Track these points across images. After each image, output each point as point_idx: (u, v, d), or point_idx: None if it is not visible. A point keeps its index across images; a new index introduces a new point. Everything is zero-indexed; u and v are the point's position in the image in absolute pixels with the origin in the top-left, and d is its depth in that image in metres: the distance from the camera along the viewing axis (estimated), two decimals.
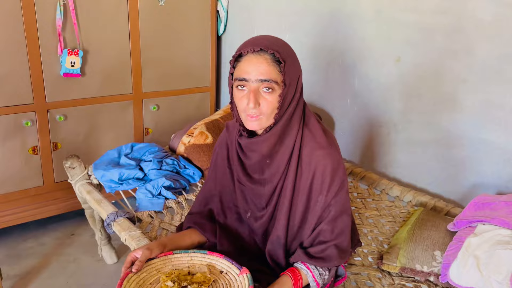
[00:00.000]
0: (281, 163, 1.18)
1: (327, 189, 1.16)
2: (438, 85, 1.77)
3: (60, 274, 2.05)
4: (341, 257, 1.19)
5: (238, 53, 1.10)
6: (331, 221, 1.18)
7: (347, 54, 2.07)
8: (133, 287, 1.10)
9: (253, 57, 1.07)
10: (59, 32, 2.07)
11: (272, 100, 1.09)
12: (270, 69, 1.06)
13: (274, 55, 1.06)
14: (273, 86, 1.07)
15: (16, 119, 2.08)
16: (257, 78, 1.07)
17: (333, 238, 1.18)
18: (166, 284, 1.10)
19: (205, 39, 2.60)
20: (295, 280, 1.15)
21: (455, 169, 1.78)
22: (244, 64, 1.08)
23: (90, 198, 1.76)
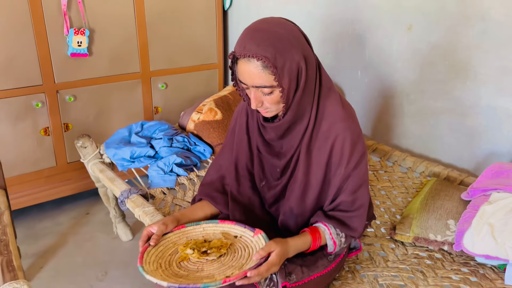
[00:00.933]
0: (296, 139, 1.18)
1: (346, 161, 1.15)
2: (451, 53, 1.72)
3: (77, 252, 2.09)
4: (358, 229, 1.19)
5: (233, 53, 1.07)
6: (352, 193, 1.17)
7: (357, 24, 2.02)
8: (153, 259, 1.12)
9: (244, 64, 1.05)
10: (65, 12, 2.06)
11: (274, 97, 1.08)
12: (262, 75, 1.04)
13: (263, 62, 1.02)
14: (270, 90, 1.06)
15: (26, 101, 2.10)
16: (252, 85, 1.06)
17: (353, 210, 1.18)
18: (186, 252, 1.11)
19: (211, 14, 2.56)
20: (313, 237, 1.16)
21: (469, 138, 1.76)
22: (239, 69, 1.07)
23: (103, 176, 1.77)
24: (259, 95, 1.08)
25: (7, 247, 1.32)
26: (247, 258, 1.12)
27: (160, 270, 1.09)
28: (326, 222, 1.18)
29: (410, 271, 1.32)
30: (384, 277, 1.30)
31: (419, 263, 1.35)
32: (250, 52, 1.02)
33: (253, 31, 1.05)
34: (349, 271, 1.34)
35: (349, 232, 1.18)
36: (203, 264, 1.11)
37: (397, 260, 1.38)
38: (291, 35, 1.06)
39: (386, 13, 1.90)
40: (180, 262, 1.12)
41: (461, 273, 1.29)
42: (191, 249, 1.12)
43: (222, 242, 1.15)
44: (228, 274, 1.05)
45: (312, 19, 2.20)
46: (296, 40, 1.07)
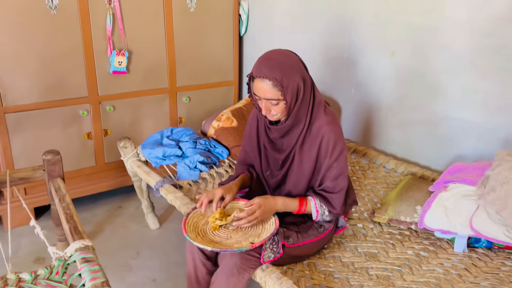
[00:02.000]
0: (293, 139, 1.59)
1: (330, 155, 1.55)
2: (425, 75, 2.12)
3: (113, 237, 2.48)
4: (337, 207, 1.58)
5: (251, 74, 1.50)
6: (333, 179, 1.57)
7: (351, 50, 2.43)
8: (191, 229, 1.50)
9: (259, 82, 1.46)
10: (109, 36, 2.50)
11: (279, 107, 1.49)
12: (272, 91, 1.45)
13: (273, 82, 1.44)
14: (277, 102, 1.48)
15: (74, 110, 2.52)
16: (264, 98, 1.48)
17: (335, 192, 1.57)
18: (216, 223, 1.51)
19: (229, 39, 3.00)
20: (300, 202, 1.58)
21: (441, 144, 2.13)
22: (255, 86, 1.49)
23: (141, 171, 2.18)
24: (269, 105, 1.50)
25: (72, 218, 1.71)
26: (261, 228, 1.52)
27: (199, 237, 1.47)
28: (313, 196, 1.57)
29: (383, 243, 1.69)
30: (363, 247, 1.67)
31: (391, 238, 1.73)
32: (264, 75, 1.44)
33: (266, 59, 1.48)
34: (336, 243, 1.72)
35: (330, 208, 1.57)
36: (230, 233, 1.50)
37: (374, 236, 1.75)
38: (293, 63, 1.49)
39: (374, 41, 2.31)
40: (213, 232, 1.51)
41: (422, 245, 1.67)
42: (219, 220, 1.51)
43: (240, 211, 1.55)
44: (250, 240, 1.45)
45: (314, 45, 2.62)
46: (298, 67, 1.50)
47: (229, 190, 1.61)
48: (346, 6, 2.40)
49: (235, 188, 1.64)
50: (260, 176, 1.73)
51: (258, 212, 1.48)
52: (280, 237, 1.50)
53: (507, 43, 1.79)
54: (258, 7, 2.99)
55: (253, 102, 1.60)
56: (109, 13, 2.46)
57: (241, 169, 1.77)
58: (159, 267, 2.22)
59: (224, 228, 1.52)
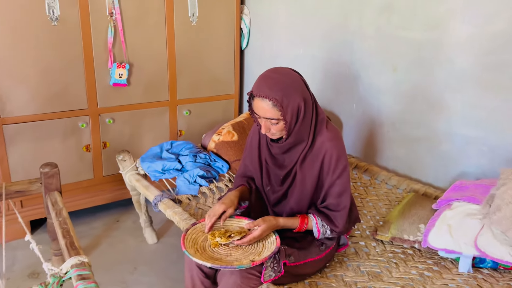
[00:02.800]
0: (295, 155, 1.56)
1: (332, 171, 1.52)
2: (428, 90, 2.10)
3: (110, 252, 2.44)
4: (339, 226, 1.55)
5: (251, 92, 1.48)
6: (336, 197, 1.54)
7: (352, 65, 2.42)
8: (190, 245, 1.47)
9: (259, 101, 1.44)
10: (110, 49, 2.49)
11: (279, 126, 1.48)
12: (272, 111, 1.44)
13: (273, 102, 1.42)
14: (277, 121, 1.46)
15: (73, 122, 2.50)
16: (264, 117, 1.46)
17: (338, 210, 1.54)
18: (216, 240, 1.47)
19: (230, 52, 2.99)
20: (301, 220, 1.55)
21: (443, 161, 2.11)
22: (255, 105, 1.48)
23: (139, 185, 2.15)
24: (268, 124, 1.48)
25: (68, 233, 1.68)
26: (262, 247, 1.49)
27: (198, 253, 1.44)
28: (316, 214, 1.54)
29: (386, 262, 1.66)
30: (365, 266, 1.64)
31: (394, 257, 1.69)
32: (264, 94, 1.42)
33: (267, 78, 1.46)
34: (338, 262, 1.68)
35: (333, 226, 1.54)
36: (230, 251, 1.46)
37: (377, 255, 1.72)
38: (294, 83, 1.47)
39: (376, 57, 2.30)
40: (213, 248, 1.47)
41: (426, 264, 1.63)
42: (219, 237, 1.47)
43: (242, 230, 1.51)
44: (251, 258, 1.41)
45: (316, 60, 2.61)
46: (299, 86, 1.48)
47: (230, 203, 1.58)
48: (348, 21, 2.40)
49: (236, 200, 1.61)
50: (261, 190, 1.70)
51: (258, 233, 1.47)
52: (281, 256, 1.46)
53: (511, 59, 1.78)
54: (260, 21, 2.99)
55: (254, 120, 1.58)
56: (110, 25, 2.46)
57: (240, 182, 1.75)
58: (156, 283, 2.17)
59: (224, 246, 1.49)
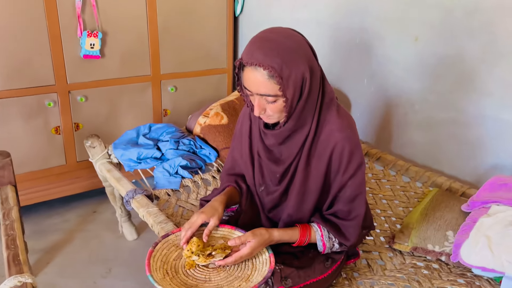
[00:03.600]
0: (295, 147, 1.21)
1: (344, 170, 1.17)
2: (457, 65, 1.74)
3: (82, 249, 2.13)
4: (351, 238, 1.22)
5: (240, 61, 1.10)
6: (348, 202, 1.20)
7: (365, 33, 2.04)
8: (159, 265, 1.14)
9: (251, 72, 1.07)
10: (79, 14, 2.11)
11: (278, 105, 1.10)
12: (267, 84, 1.06)
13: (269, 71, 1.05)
14: (274, 98, 1.09)
15: (39, 100, 2.15)
16: (257, 93, 1.09)
17: (349, 219, 1.21)
18: (192, 259, 1.13)
19: (222, 20, 2.60)
20: (302, 233, 1.21)
21: (472, 150, 1.77)
22: (245, 76, 1.09)
23: (110, 176, 1.81)
24: (263, 103, 1.11)
25: (14, 242, 1.36)
26: (252, 268, 1.15)
27: (168, 278, 1.10)
28: (321, 224, 1.20)
29: (406, 280, 1.33)
30: (381, 285, 1.31)
31: (416, 272, 1.37)
32: (257, 61, 1.04)
33: (261, 40, 1.08)
34: (347, 278, 1.36)
35: (342, 239, 1.21)
36: (210, 273, 1.13)
37: (395, 269, 1.39)
38: (298, 47, 1.08)
39: (394, 24, 1.92)
40: (187, 270, 1.14)
41: (457, 284, 1.30)
42: (196, 255, 1.14)
43: (225, 246, 1.18)
44: (236, 286, 1.08)
45: (320, 27, 2.22)
46: (303, 51, 1.09)
47: (213, 212, 1.22)
48: None
49: (221, 207, 1.25)
50: (253, 190, 1.36)
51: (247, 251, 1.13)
52: (275, 280, 1.14)
53: None
54: None
55: (244, 98, 1.22)
56: None
57: (226, 181, 1.39)
58: None
59: (202, 267, 1.15)
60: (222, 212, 1.24)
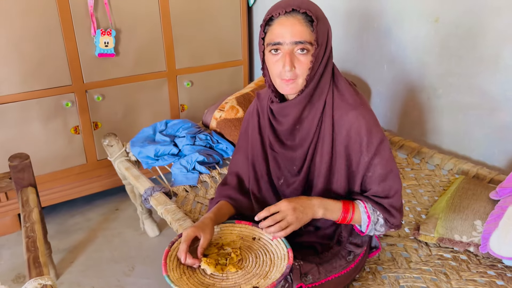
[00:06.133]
0: (311, 128, 1.16)
1: (366, 149, 1.12)
2: (481, 45, 1.65)
3: (105, 247, 2.15)
4: (396, 215, 1.16)
5: (269, 16, 1.08)
6: (380, 181, 1.15)
7: (382, 17, 1.97)
8: (175, 264, 1.11)
9: (285, 19, 1.06)
10: (91, 13, 2.10)
11: (306, 61, 1.07)
12: (304, 29, 1.05)
13: (307, 14, 1.05)
14: (307, 47, 1.06)
15: (56, 101, 2.16)
16: (292, 41, 1.06)
17: (389, 197, 1.15)
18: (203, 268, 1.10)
19: (236, 10, 2.55)
20: (345, 205, 1.15)
21: (500, 134, 1.68)
22: (276, 28, 1.07)
23: (129, 174, 1.81)
24: (294, 57, 1.08)
25: (34, 244, 1.37)
26: (270, 264, 1.12)
27: (184, 277, 1.08)
28: (362, 198, 1.15)
29: (433, 272, 1.28)
30: (406, 279, 1.27)
31: (443, 264, 1.31)
32: (294, 5, 1.05)
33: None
34: (370, 272, 1.32)
35: (388, 215, 1.15)
36: (227, 271, 1.10)
37: (420, 261, 1.34)
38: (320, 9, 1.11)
39: (412, 5, 1.84)
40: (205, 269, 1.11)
41: (487, 276, 1.24)
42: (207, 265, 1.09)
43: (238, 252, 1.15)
44: (254, 284, 1.05)
45: (336, 13, 2.16)
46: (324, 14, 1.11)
47: (204, 227, 1.15)
48: None
49: (210, 224, 1.17)
50: (265, 193, 1.29)
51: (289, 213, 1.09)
52: (295, 277, 1.10)
53: None
54: None
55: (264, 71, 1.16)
56: None
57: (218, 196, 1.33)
58: (156, 287, 1.87)
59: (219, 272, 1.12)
60: (212, 228, 1.17)
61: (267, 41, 1.10)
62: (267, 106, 1.22)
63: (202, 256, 1.11)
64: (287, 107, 1.15)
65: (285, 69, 1.07)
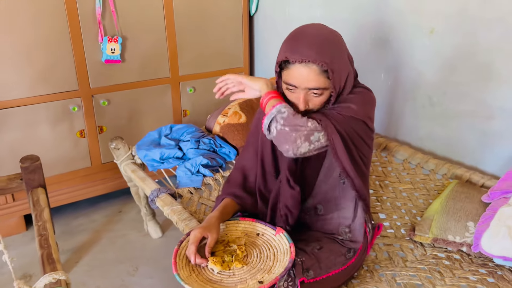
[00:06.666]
0: None
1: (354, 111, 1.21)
2: (473, 56, 1.73)
3: (109, 248, 2.20)
4: None
5: (284, 57, 1.14)
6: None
7: (380, 27, 2.05)
8: (185, 262, 1.17)
9: (301, 68, 1.12)
10: (99, 21, 2.18)
11: (321, 99, 1.17)
12: (318, 78, 1.13)
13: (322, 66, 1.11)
14: (322, 91, 1.15)
15: (64, 105, 2.22)
16: (307, 87, 1.14)
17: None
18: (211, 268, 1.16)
19: (238, 19, 2.64)
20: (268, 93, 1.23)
21: (492, 141, 1.76)
22: (293, 72, 1.14)
23: (135, 176, 1.87)
24: (309, 97, 1.17)
25: (47, 241, 1.43)
26: (273, 259, 1.19)
27: (194, 275, 1.14)
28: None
29: (428, 271, 1.35)
30: (402, 277, 1.33)
31: (437, 263, 1.38)
32: (310, 58, 1.10)
33: (305, 36, 1.14)
34: (368, 270, 1.38)
35: None
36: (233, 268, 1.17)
37: (416, 260, 1.41)
38: (338, 40, 1.17)
39: (408, 16, 1.92)
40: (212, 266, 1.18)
41: (478, 274, 1.31)
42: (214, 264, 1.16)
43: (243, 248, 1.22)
44: (259, 279, 1.12)
45: (336, 24, 2.22)
46: (342, 43, 1.18)
47: (211, 227, 1.21)
48: None
49: (217, 223, 1.25)
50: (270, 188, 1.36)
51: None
52: (297, 271, 1.17)
53: None
54: None
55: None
56: None
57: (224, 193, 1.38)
58: (160, 286, 1.93)
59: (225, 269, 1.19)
60: (218, 227, 1.24)
61: (284, 79, 1.18)
62: None
63: (209, 255, 1.18)
64: None
65: (299, 105, 1.17)
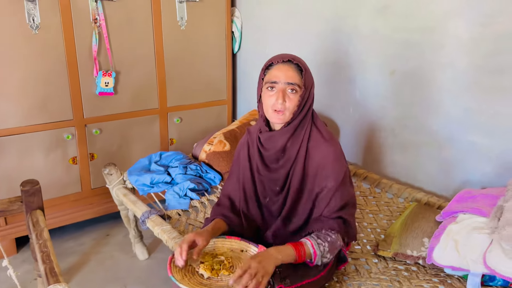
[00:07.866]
0: (292, 153, 1.47)
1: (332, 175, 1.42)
2: (428, 94, 2.00)
3: (98, 269, 2.33)
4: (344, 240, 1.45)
5: (269, 62, 1.43)
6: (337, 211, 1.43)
7: (349, 68, 2.32)
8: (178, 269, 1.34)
9: (282, 66, 1.41)
10: (95, 57, 2.38)
11: (295, 99, 1.41)
12: (295, 75, 1.40)
13: (298, 65, 1.40)
14: (297, 88, 1.40)
15: (58, 134, 2.39)
16: (285, 81, 1.39)
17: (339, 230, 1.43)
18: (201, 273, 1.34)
19: (222, 57, 2.88)
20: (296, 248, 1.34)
21: (446, 168, 2.00)
22: (274, 71, 1.41)
23: (127, 200, 2.03)
24: (286, 93, 1.40)
25: (49, 257, 1.57)
26: None
27: (186, 279, 1.32)
28: (308, 237, 1.41)
29: (389, 280, 1.55)
30: (367, 286, 1.53)
31: (397, 274, 1.58)
32: (290, 58, 1.42)
33: (284, 54, 1.46)
34: (338, 281, 1.57)
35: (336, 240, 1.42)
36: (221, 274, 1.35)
37: (379, 272, 1.61)
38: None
39: (372, 59, 2.19)
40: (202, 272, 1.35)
41: (431, 283, 1.52)
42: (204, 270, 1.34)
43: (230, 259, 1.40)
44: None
45: (310, 63, 2.47)
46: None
47: (201, 233, 1.40)
48: (343, 22, 2.29)
49: (208, 233, 1.42)
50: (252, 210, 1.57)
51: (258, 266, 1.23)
52: (276, 279, 1.35)
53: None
54: (251, 24, 2.88)
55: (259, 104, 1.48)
56: (94, 32, 2.35)
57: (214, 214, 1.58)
58: None
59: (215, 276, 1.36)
60: (209, 237, 1.41)
61: (266, 80, 1.43)
62: (256, 137, 1.52)
63: (199, 256, 1.36)
64: (274, 136, 1.47)
65: (278, 102, 1.40)
